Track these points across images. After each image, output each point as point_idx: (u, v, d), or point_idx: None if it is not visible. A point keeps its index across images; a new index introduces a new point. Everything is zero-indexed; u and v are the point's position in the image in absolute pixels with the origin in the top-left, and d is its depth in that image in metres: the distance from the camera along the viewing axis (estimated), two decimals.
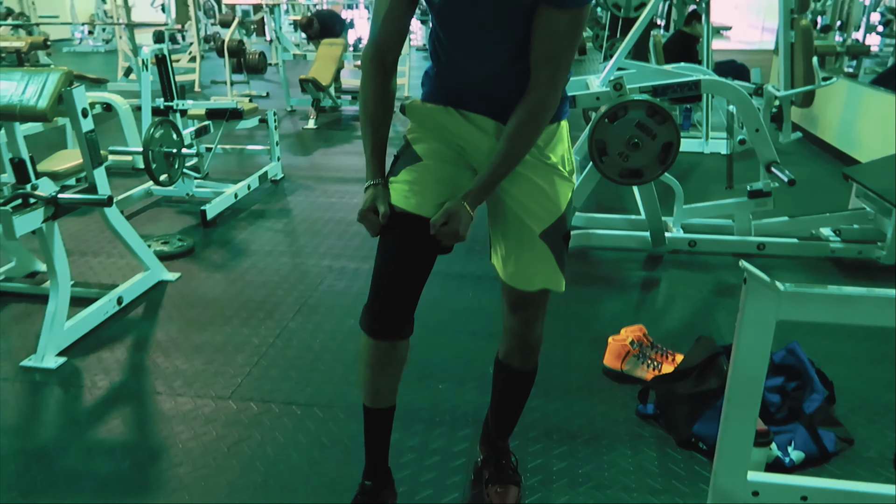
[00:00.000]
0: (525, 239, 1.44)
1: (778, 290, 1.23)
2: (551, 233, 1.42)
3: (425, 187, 1.39)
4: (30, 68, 2.71)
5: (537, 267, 1.44)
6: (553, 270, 1.45)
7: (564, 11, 1.24)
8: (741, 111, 3.04)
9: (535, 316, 1.52)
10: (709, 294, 2.90)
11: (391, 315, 1.43)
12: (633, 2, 5.20)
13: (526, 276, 1.46)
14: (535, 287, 1.46)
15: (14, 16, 8.89)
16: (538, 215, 1.41)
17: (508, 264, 1.48)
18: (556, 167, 1.41)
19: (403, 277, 1.42)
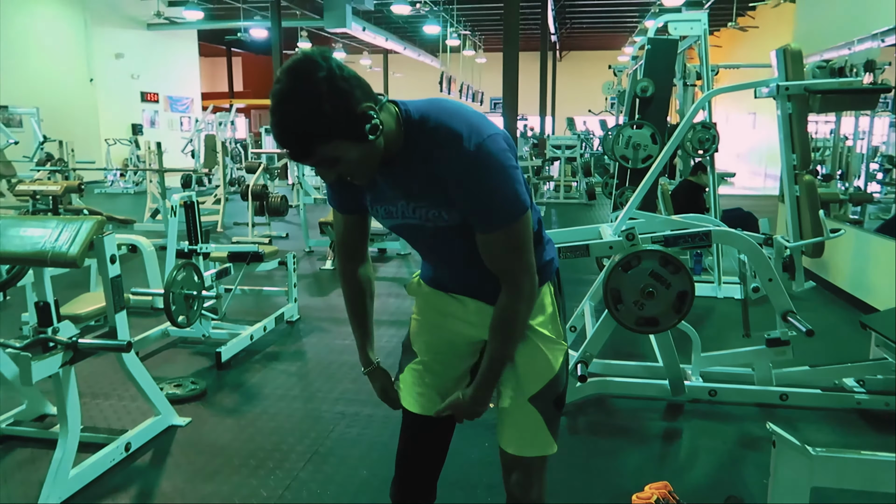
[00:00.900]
0: (516, 403, 1.46)
1: (810, 456, 1.19)
2: (541, 397, 1.44)
3: (428, 388, 1.52)
4: (64, 217, 2.83)
5: (527, 432, 1.45)
6: (543, 434, 1.45)
7: (491, 233, 1.29)
8: (753, 261, 3.08)
9: (528, 480, 1.48)
10: (734, 447, 2.80)
11: (411, 489, 1.54)
12: (640, 154, 5.45)
13: (515, 440, 1.46)
14: (523, 452, 1.46)
15: (53, 161, 9.43)
16: (528, 379, 1.44)
17: (500, 426, 1.50)
18: (540, 333, 1.45)
19: (421, 454, 1.53)
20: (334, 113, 1.15)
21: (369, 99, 1.20)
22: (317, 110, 1.13)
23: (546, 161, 12.09)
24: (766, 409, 3.08)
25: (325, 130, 1.16)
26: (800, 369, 3.29)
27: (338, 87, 1.15)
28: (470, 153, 1.21)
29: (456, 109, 1.27)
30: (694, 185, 5.93)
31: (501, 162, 1.23)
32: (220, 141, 9.67)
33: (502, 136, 1.28)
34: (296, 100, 1.13)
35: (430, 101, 1.30)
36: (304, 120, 1.14)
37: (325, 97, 1.13)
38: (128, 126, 16.48)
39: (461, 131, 1.22)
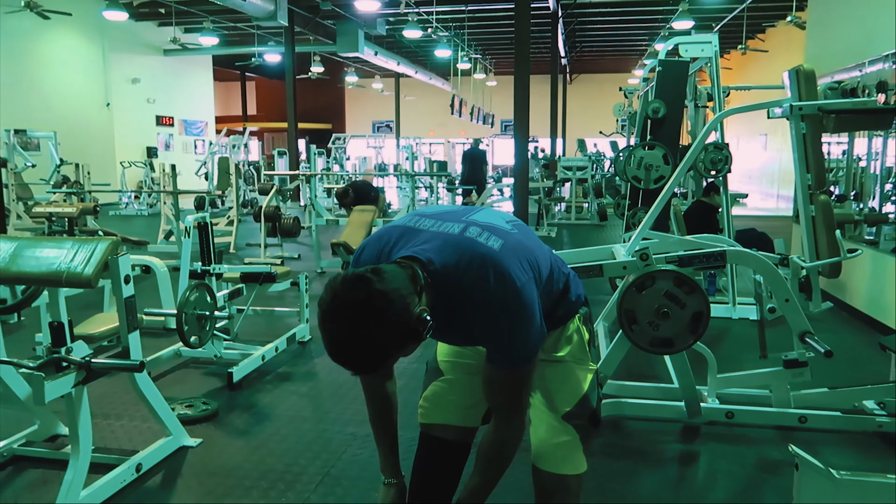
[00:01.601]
0: (551, 423, 1.49)
1: (834, 479, 1.17)
2: (575, 415, 1.48)
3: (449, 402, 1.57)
4: (80, 238, 2.85)
5: (563, 449, 1.48)
6: (578, 452, 1.49)
7: (496, 368, 1.35)
8: (769, 282, 3.05)
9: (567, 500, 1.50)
10: (752, 470, 2.74)
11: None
12: (652, 175, 5.44)
13: (551, 457, 1.48)
14: (561, 469, 1.47)
15: (69, 184, 9.54)
16: (560, 398, 1.49)
17: (535, 447, 1.51)
18: (565, 360, 1.50)
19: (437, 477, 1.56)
20: (401, 326, 1.15)
21: (413, 293, 1.18)
22: (384, 339, 1.14)
23: (557, 182, 12.10)
24: (784, 431, 3.02)
25: (396, 345, 1.18)
26: (818, 391, 3.23)
27: (393, 307, 1.14)
28: (496, 310, 1.26)
29: (482, 257, 1.27)
30: (707, 206, 5.90)
31: (525, 314, 1.28)
32: (234, 163, 9.77)
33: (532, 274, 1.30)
34: (359, 336, 1.13)
35: (452, 245, 1.28)
36: (372, 352, 1.15)
37: (387, 324, 1.13)
38: (143, 149, 16.72)
39: (488, 285, 1.25)
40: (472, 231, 1.31)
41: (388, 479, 1.56)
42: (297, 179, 11.00)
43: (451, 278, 1.25)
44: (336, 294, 1.13)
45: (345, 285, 1.13)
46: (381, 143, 22.03)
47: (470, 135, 19.56)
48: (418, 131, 22.57)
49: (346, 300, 1.12)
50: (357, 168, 17.85)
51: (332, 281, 1.15)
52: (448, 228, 1.32)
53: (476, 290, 1.24)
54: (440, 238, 1.30)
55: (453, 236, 1.30)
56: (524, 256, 1.31)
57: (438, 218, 1.36)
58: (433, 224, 1.33)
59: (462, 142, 19.71)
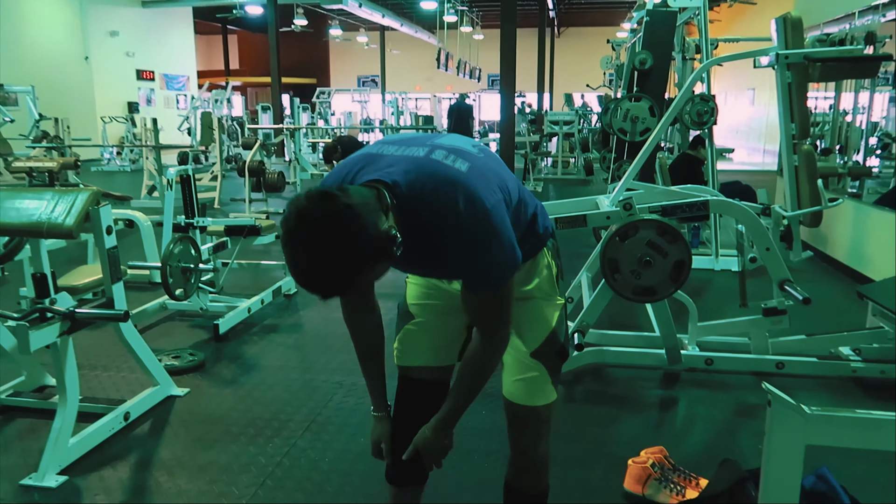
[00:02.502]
0: (519, 359, 1.50)
1: (805, 414, 1.20)
2: (542, 352, 1.49)
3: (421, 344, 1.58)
4: (60, 189, 2.82)
5: (532, 384, 1.49)
6: (547, 385, 1.50)
7: (474, 294, 1.33)
8: (751, 231, 3.08)
9: (537, 431, 1.53)
10: (729, 414, 2.82)
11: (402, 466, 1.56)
12: (638, 127, 5.42)
13: (521, 391, 1.50)
14: (530, 402, 1.50)
15: (49, 138, 9.37)
16: (528, 336, 1.49)
17: (505, 381, 1.53)
18: (534, 294, 1.50)
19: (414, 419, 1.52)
20: (367, 244, 1.11)
21: (380, 210, 1.15)
22: (352, 254, 1.09)
23: (544, 137, 12.04)
24: (761, 377, 3.09)
25: (363, 263, 1.12)
26: (796, 338, 3.30)
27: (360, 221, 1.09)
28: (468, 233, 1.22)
29: (450, 179, 1.24)
30: (692, 159, 5.91)
31: (498, 236, 1.24)
32: (217, 118, 9.61)
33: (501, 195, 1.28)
34: (326, 250, 1.08)
35: (418, 168, 1.25)
36: (340, 268, 1.10)
37: (355, 237, 1.09)
38: (124, 104, 16.38)
39: (457, 208, 1.21)
40: (438, 154, 1.28)
41: (376, 412, 1.59)
42: (282, 134, 10.86)
43: (417, 201, 1.22)
44: (299, 210, 1.08)
45: (308, 200, 1.09)
46: (367, 97, 21.71)
47: (456, 89, 19.33)
48: (404, 86, 22.24)
49: (310, 214, 1.08)
50: (342, 123, 17.62)
51: (295, 198, 1.11)
52: (413, 152, 1.29)
53: (445, 215, 1.21)
54: (405, 161, 1.26)
55: (418, 159, 1.27)
56: (492, 179, 1.29)
57: (403, 144, 1.33)
58: (397, 149, 1.31)
59: (448, 97, 19.46)
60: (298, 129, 7.89)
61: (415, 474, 1.62)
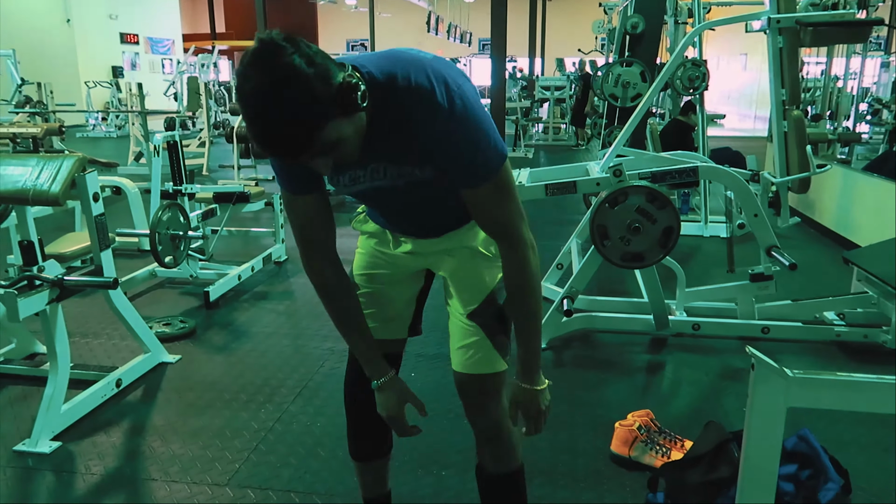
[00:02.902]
0: (456, 322, 1.44)
1: (787, 377, 1.22)
2: (480, 313, 1.41)
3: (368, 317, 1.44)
4: (45, 155, 2.79)
5: (471, 349, 1.41)
6: (488, 351, 1.41)
7: (479, 187, 1.23)
8: (739, 197, 3.09)
9: (482, 400, 1.44)
10: (715, 378, 2.86)
11: (364, 436, 1.55)
12: (629, 93, 5.39)
13: (461, 358, 1.43)
14: (471, 370, 1.42)
15: (32, 104, 9.21)
16: (464, 297, 1.42)
17: (451, 350, 1.46)
18: (478, 250, 1.42)
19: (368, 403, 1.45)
20: (324, 92, 1.01)
21: (340, 69, 1.07)
22: (307, 95, 1.00)
23: (535, 103, 11.95)
24: (747, 342, 3.14)
25: (321, 114, 1.02)
26: (782, 303, 3.35)
27: (316, 64, 1.01)
28: (446, 111, 1.15)
29: (418, 62, 1.18)
30: (683, 125, 5.89)
31: (478, 114, 1.19)
32: (203, 83, 9.46)
33: (469, 82, 1.23)
34: (278, 92, 0.99)
35: (387, 56, 1.20)
36: (296, 111, 1.00)
37: (310, 79, 1.00)
38: (108, 68, 16.08)
39: (432, 87, 1.15)
40: (403, 48, 1.23)
41: (378, 379, 1.40)
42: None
43: (388, 81, 1.14)
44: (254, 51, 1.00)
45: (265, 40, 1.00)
46: None
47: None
48: None
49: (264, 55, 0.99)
50: None
51: (247, 49, 1.02)
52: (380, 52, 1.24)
53: (418, 93, 1.14)
54: (373, 55, 1.21)
55: (385, 51, 1.22)
56: (456, 68, 1.24)
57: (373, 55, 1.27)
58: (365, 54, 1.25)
59: None
60: None
61: (380, 447, 1.58)
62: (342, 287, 1.39)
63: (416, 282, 1.53)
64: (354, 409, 1.53)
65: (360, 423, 1.54)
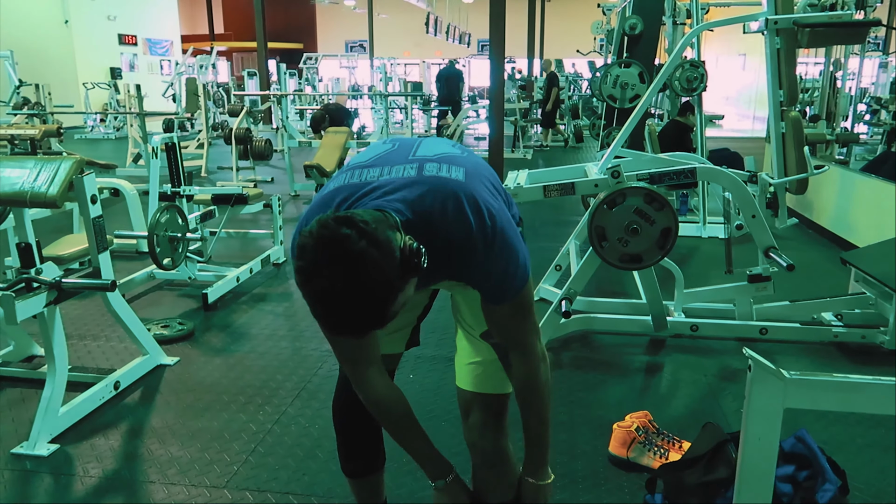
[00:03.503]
0: (468, 341, 1.43)
1: (784, 378, 1.22)
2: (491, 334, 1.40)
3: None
4: (42, 157, 2.79)
5: (481, 367, 1.41)
6: (497, 371, 1.40)
7: (497, 305, 1.25)
8: (737, 198, 3.09)
9: (486, 420, 1.42)
10: (713, 379, 2.87)
11: (356, 455, 1.54)
12: (627, 94, 5.39)
13: (470, 376, 1.42)
14: (480, 388, 1.41)
15: (30, 105, 9.20)
16: (478, 316, 1.39)
17: (457, 366, 1.45)
18: None
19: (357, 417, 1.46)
20: (393, 270, 1.00)
21: (393, 227, 1.05)
22: (381, 281, 0.99)
23: (534, 104, 11.95)
24: (745, 342, 3.14)
25: (392, 290, 1.02)
26: (780, 304, 3.35)
27: (379, 243, 0.99)
28: (484, 245, 1.16)
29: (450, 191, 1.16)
30: (681, 126, 5.90)
31: (511, 240, 1.19)
32: (202, 84, 9.46)
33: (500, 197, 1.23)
34: (354, 287, 0.97)
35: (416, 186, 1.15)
36: (372, 300, 0.99)
37: (380, 263, 0.98)
38: (106, 70, 16.06)
39: (470, 223, 1.14)
40: (430, 168, 1.19)
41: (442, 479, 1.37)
42: (269, 101, 10.72)
43: (425, 222, 1.13)
44: (316, 242, 0.98)
45: (324, 228, 0.98)
46: (355, 63, 21.42)
47: (446, 55, 19.07)
48: (393, 51, 21.92)
49: (331, 244, 0.97)
50: (330, 89, 17.41)
51: (304, 233, 1.01)
52: (401, 172, 1.19)
53: (456, 230, 1.14)
54: (398, 185, 1.16)
55: (413, 179, 1.17)
56: (487, 178, 1.24)
57: (382, 164, 1.22)
58: (380, 173, 1.20)
59: (438, 62, 19.23)
60: (285, 95, 7.80)
61: (372, 463, 1.56)
62: (395, 397, 1.36)
63: (422, 300, 1.52)
64: (344, 431, 1.52)
65: (351, 444, 1.52)
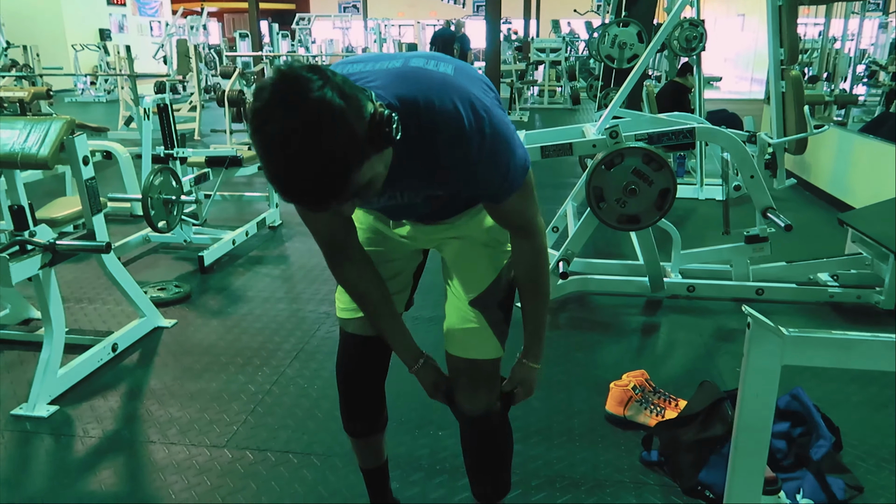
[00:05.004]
0: (458, 306, 1.40)
1: (783, 336, 1.23)
2: (482, 301, 1.38)
3: None
4: (32, 117, 2.74)
5: (470, 334, 1.38)
6: (487, 337, 1.38)
7: (500, 202, 1.20)
8: (736, 158, 3.07)
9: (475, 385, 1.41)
10: (709, 339, 2.88)
11: (358, 416, 1.53)
12: (625, 54, 5.32)
13: (459, 342, 1.40)
14: (468, 354, 1.39)
15: (18, 67, 9.04)
16: (469, 282, 1.38)
17: (445, 331, 1.42)
18: (485, 237, 1.38)
19: (362, 370, 1.46)
20: (359, 129, 0.90)
21: (366, 96, 0.96)
22: (343, 136, 0.87)
23: (530, 65, 11.80)
24: (742, 303, 3.15)
25: (357, 154, 0.90)
26: (776, 265, 3.35)
27: (347, 96, 0.89)
28: (476, 140, 1.07)
29: (440, 84, 1.08)
30: (680, 87, 5.83)
31: (506, 133, 1.11)
32: (193, 46, 9.29)
33: (491, 91, 1.17)
34: (310, 135, 0.86)
35: (402, 76, 1.08)
36: (331, 156, 0.87)
37: (345, 115, 0.87)
38: (95, 31, 15.75)
39: (460, 115, 1.05)
40: (417, 61, 1.11)
41: (413, 365, 1.40)
42: (261, 63, 10.55)
43: (408, 111, 1.03)
44: (275, 86, 0.87)
45: (282, 79, 0.87)
46: (348, 24, 21.05)
47: (441, 16, 18.78)
48: (387, 12, 21.54)
49: (288, 91, 0.86)
50: (323, 51, 17.14)
51: (262, 81, 0.89)
52: (385, 65, 1.11)
53: (444, 124, 1.05)
54: (382, 75, 1.08)
55: (397, 69, 1.09)
56: (478, 77, 1.17)
57: (370, 61, 1.14)
58: (364, 67, 1.11)
59: (433, 23, 18.92)
60: (278, 57, 7.67)
61: (374, 423, 1.55)
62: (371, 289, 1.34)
63: (415, 259, 1.49)
64: (347, 392, 1.50)
65: (353, 404, 1.51)
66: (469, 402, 1.42)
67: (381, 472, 1.66)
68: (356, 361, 1.43)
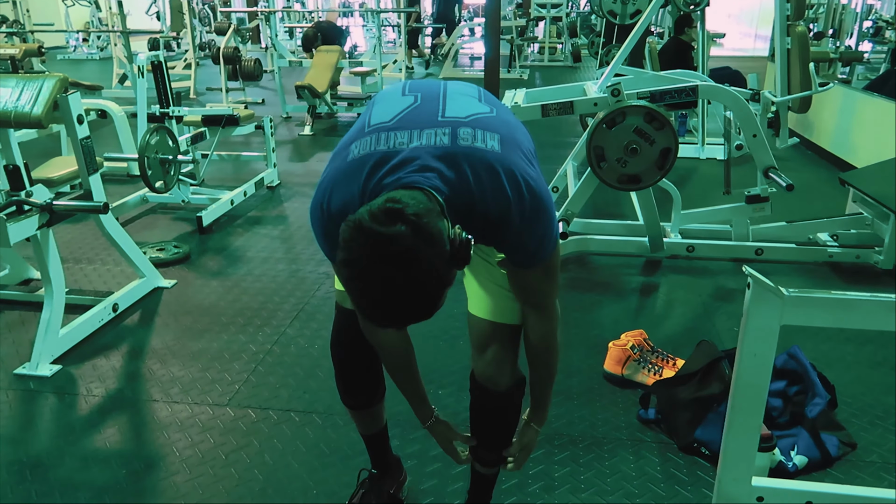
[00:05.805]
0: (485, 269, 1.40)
1: (782, 296, 1.23)
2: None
3: None
4: (25, 75, 2.69)
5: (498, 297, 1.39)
6: (510, 301, 1.38)
7: (528, 270, 1.25)
8: (738, 116, 3.04)
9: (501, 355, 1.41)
10: (708, 299, 2.89)
11: (356, 391, 1.56)
12: (628, 9, 5.21)
13: (486, 305, 1.41)
14: (495, 318, 1.40)
15: (8, 23, 8.86)
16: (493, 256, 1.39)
17: (471, 295, 1.43)
18: None
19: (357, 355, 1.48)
20: (446, 267, 0.98)
21: (441, 215, 1.01)
22: (435, 282, 0.97)
23: (530, 21, 11.59)
24: (741, 263, 3.16)
25: (447, 284, 1.00)
26: (777, 225, 3.35)
27: (433, 238, 0.95)
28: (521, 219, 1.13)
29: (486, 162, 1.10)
30: (682, 44, 5.73)
31: (546, 207, 1.17)
32: (186, 2, 9.09)
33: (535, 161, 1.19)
34: (412, 287, 0.94)
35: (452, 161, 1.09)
36: (425, 298, 0.97)
37: (434, 263, 0.95)
38: None
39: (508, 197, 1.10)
40: (465, 135, 1.12)
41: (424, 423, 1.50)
42: (257, 18, 10.36)
43: (463, 200, 1.08)
44: (369, 239, 0.93)
45: (374, 221, 0.93)
46: None
47: None
48: None
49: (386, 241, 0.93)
50: (320, 6, 16.79)
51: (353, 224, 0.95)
52: (433, 139, 1.11)
53: (494, 206, 1.11)
54: (433, 154, 1.09)
55: (447, 149, 1.10)
56: (522, 143, 1.19)
57: (410, 126, 1.14)
58: (409, 138, 1.11)
59: None
60: (274, 12, 7.52)
61: (372, 396, 1.57)
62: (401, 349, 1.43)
63: None
64: (343, 368, 1.52)
65: (350, 380, 1.53)
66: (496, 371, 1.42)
67: (381, 435, 1.68)
68: (352, 336, 1.44)
